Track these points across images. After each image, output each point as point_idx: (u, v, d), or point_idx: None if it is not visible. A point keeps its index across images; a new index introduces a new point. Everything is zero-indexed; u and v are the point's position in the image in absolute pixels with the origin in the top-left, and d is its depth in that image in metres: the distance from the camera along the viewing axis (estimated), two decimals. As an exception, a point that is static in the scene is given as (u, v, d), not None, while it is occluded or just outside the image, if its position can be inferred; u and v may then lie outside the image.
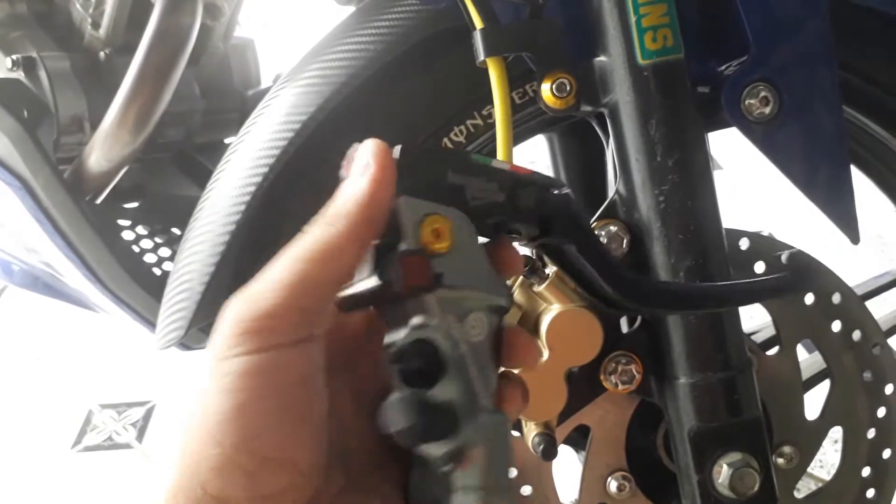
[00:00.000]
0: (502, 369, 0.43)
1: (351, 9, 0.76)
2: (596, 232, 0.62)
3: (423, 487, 0.41)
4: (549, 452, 0.65)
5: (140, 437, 1.67)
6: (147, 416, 1.72)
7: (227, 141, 1.30)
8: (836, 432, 0.74)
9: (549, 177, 0.46)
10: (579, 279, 0.53)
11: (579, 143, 0.91)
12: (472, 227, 0.41)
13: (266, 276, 0.38)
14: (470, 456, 0.39)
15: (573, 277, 0.53)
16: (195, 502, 0.37)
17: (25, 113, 0.98)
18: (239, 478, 0.37)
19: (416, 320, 0.39)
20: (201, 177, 1.21)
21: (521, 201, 0.44)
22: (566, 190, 0.46)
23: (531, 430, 0.66)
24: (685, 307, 0.59)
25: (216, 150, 1.26)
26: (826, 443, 0.74)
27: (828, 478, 0.76)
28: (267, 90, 1.28)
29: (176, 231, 1.13)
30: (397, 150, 0.41)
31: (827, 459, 1.41)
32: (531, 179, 0.44)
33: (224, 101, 1.25)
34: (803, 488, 0.75)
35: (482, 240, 0.44)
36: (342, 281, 0.39)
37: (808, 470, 0.74)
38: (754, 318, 0.79)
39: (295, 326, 0.37)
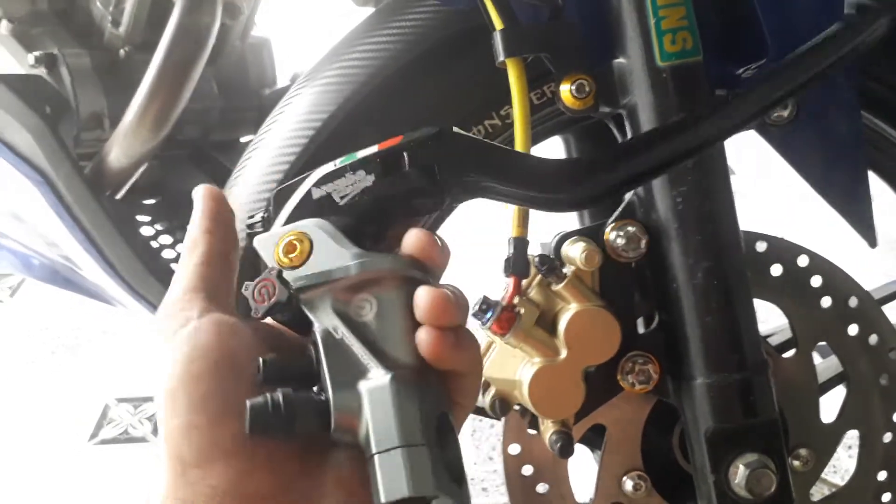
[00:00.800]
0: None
1: (368, 10, 0.77)
2: (610, 232, 0.62)
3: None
4: (567, 450, 0.65)
5: (156, 431, 1.68)
6: (162, 411, 1.73)
7: (243, 140, 1.31)
8: (849, 438, 0.74)
9: (422, 130, 0.46)
10: (520, 198, 0.50)
11: (594, 144, 0.91)
12: (329, 226, 0.44)
13: (172, 281, 0.47)
14: (356, 428, 0.40)
15: (517, 201, 0.50)
16: (173, 473, 0.41)
17: (48, 109, 0.99)
18: (202, 438, 0.40)
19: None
20: (218, 174, 1.22)
21: (397, 171, 0.45)
22: (444, 130, 0.46)
23: (548, 429, 0.67)
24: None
25: (232, 149, 1.27)
26: (839, 448, 0.74)
27: (841, 483, 0.76)
28: (283, 89, 1.29)
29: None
30: (273, 194, 0.47)
31: (840, 465, 1.40)
32: (393, 148, 0.45)
33: (241, 100, 1.26)
34: (816, 493, 0.75)
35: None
36: (223, 263, 0.47)
37: (822, 475, 0.74)
38: (768, 322, 0.79)
39: (199, 302, 0.44)
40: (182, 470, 0.40)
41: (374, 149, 0.45)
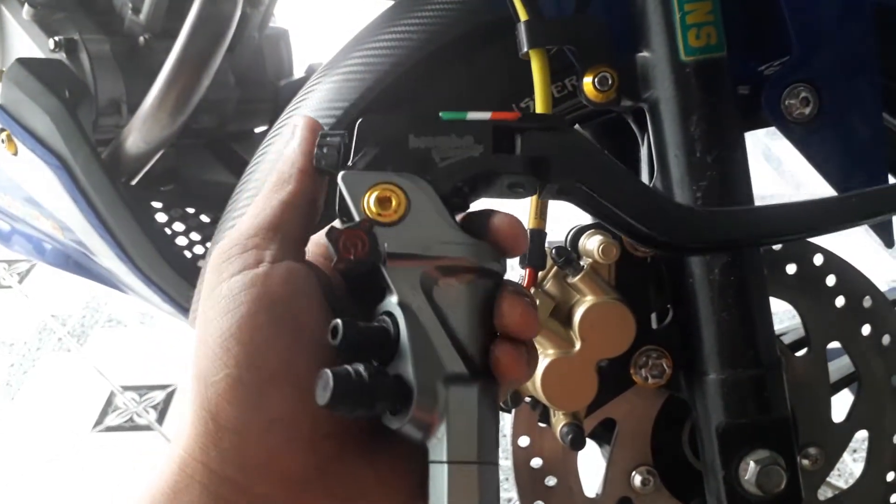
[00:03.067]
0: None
1: (386, 3, 0.77)
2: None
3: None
4: (578, 442, 0.65)
5: (161, 419, 1.69)
6: (168, 400, 1.74)
7: (257, 130, 1.31)
8: (854, 441, 0.74)
9: (542, 116, 0.43)
10: (617, 222, 0.47)
11: (611, 140, 0.92)
12: (432, 191, 0.39)
13: (245, 215, 0.42)
14: (432, 427, 0.37)
15: (611, 223, 0.47)
16: (205, 436, 0.37)
17: (67, 93, 1.00)
18: (248, 397, 0.37)
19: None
20: (233, 164, 1.23)
21: (505, 149, 0.41)
22: (564, 126, 0.43)
23: (559, 421, 0.67)
24: (758, 237, 0.52)
25: (247, 139, 1.28)
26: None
27: (845, 486, 0.76)
28: (299, 81, 1.29)
29: (205, 218, 1.15)
30: (359, 122, 0.41)
31: (844, 468, 1.40)
32: (510, 124, 0.41)
33: (257, 91, 1.27)
34: (820, 496, 0.75)
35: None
36: (309, 207, 0.42)
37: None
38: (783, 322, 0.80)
39: (276, 244, 0.40)
40: (215, 430, 0.37)
41: (486, 115, 0.41)
